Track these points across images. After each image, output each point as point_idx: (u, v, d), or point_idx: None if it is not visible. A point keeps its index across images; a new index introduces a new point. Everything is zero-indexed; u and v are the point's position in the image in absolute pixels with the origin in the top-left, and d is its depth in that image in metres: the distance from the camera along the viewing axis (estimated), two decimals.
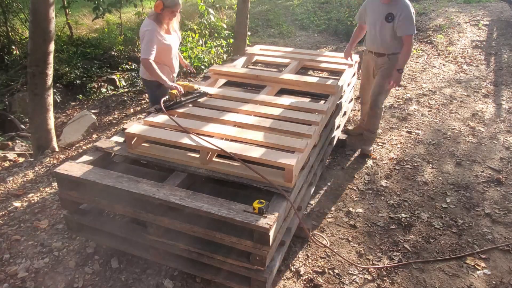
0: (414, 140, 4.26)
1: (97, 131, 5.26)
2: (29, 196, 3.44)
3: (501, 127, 4.56)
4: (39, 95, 4.25)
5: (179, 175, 2.40)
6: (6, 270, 2.61)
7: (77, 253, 2.73)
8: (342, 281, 2.57)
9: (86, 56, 7.61)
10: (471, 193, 3.42)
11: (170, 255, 2.37)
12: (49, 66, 4.24)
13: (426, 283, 2.56)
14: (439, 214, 3.17)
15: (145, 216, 2.25)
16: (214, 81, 3.62)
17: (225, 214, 2.01)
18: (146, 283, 2.48)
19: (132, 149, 2.57)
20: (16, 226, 3.03)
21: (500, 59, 6.62)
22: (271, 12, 9.97)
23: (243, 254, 2.14)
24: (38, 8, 3.96)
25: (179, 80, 3.54)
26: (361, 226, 3.05)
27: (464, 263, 2.71)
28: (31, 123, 4.46)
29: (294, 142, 2.43)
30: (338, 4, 10.05)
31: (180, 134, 2.53)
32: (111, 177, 2.31)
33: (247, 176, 2.30)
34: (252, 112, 2.87)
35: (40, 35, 4.06)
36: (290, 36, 8.48)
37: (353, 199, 3.35)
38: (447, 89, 5.58)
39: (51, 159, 4.20)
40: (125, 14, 9.47)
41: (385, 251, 2.81)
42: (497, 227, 3.05)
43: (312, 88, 3.43)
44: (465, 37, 7.61)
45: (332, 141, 3.63)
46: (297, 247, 2.81)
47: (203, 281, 2.48)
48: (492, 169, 3.77)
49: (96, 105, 6.41)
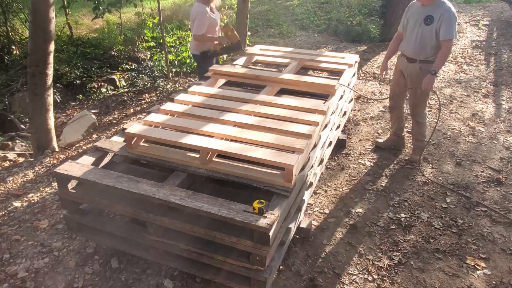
0: None
1: (97, 131, 5.26)
2: (29, 196, 3.44)
3: (501, 127, 4.56)
4: (39, 95, 4.25)
5: (179, 175, 2.40)
6: (6, 270, 2.61)
7: (77, 253, 2.73)
8: (342, 281, 2.57)
9: (86, 56, 7.61)
10: (471, 193, 3.42)
11: (170, 255, 2.37)
12: (49, 66, 4.24)
13: (426, 283, 2.56)
14: (439, 214, 3.17)
15: (145, 216, 2.25)
16: (214, 81, 3.62)
17: (225, 214, 2.01)
18: (146, 283, 2.48)
19: (132, 149, 2.57)
20: (16, 226, 3.03)
21: (500, 59, 6.62)
22: (271, 12, 9.97)
23: (243, 254, 2.14)
24: (38, 8, 3.96)
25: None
26: (361, 226, 3.05)
27: (464, 263, 2.71)
28: (31, 123, 4.46)
29: (294, 142, 2.43)
30: (338, 4, 10.06)
31: (180, 134, 2.53)
32: (111, 177, 2.31)
33: (247, 176, 2.31)
34: (252, 112, 2.87)
35: (40, 35, 4.06)
36: (290, 36, 8.48)
37: (353, 199, 3.35)
38: (447, 89, 5.58)
39: (51, 159, 4.20)
40: (125, 14, 9.47)
41: (385, 251, 2.81)
42: (497, 227, 3.05)
43: (312, 88, 3.43)
44: (465, 37, 7.61)
45: (332, 141, 3.63)
46: (297, 247, 2.81)
47: (203, 281, 2.48)
48: (492, 169, 3.77)
49: (96, 105, 6.42)
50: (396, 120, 3.96)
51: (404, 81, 3.66)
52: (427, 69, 3.38)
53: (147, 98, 6.18)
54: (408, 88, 3.65)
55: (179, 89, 6.21)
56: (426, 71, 3.38)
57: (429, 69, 3.36)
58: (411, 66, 3.50)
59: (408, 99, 3.76)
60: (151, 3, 10.25)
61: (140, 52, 8.03)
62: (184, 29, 8.76)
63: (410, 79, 3.56)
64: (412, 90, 3.61)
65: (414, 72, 3.49)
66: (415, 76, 3.49)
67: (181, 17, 9.66)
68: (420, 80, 3.41)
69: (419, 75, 3.45)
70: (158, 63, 7.20)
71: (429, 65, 3.38)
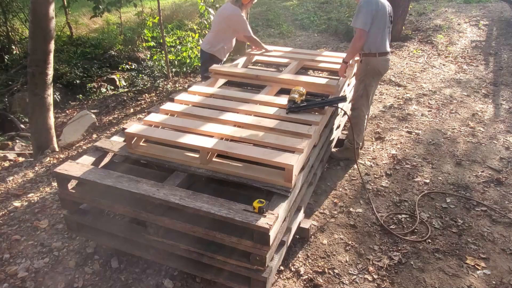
0: (414, 140, 4.26)
1: (97, 131, 5.26)
2: (29, 196, 3.43)
3: (501, 127, 4.56)
4: (39, 95, 4.25)
5: (179, 175, 2.40)
6: (6, 270, 2.60)
7: (77, 253, 2.73)
8: (342, 281, 2.57)
9: (86, 56, 7.62)
10: (471, 193, 3.42)
11: (170, 255, 2.37)
12: (49, 65, 4.24)
13: (426, 283, 2.56)
14: (439, 214, 3.17)
15: (145, 216, 2.25)
16: (214, 81, 3.61)
17: (225, 214, 2.00)
18: (146, 283, 2.48)
19: (132, 149, 2.57)
20: (16, 226, 3.03)
21: (500, 59, 6.62)
22: (271, 12, 9.97)
23: (243, 254, 2.14)
24: (38, 7, 3.96)
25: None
26: (361, 226, 3.04)
27: (464, 263, 2.71)
28: (31, 123, 4.46)
29: (294, 142, 2.43)
30: (338, 4, 10.06)
31: (180, 134, 2.53)
32: (111, 177, 2.31)
33: (247, 176, 2.30)
34: (252, 112, 2.87)
35: (40, 35, 4.06)
36: (290, 36, 8.48)
37: (353, 199, 3.35)
38: (447, 89, 5.59)
39: (51, 159, 4.20)
40: (125, 14, 9.47)
41: (385, 251, 2.81)
42: (497, 227, 3.05)
43: (312, 88, 3.42)
44: (465, 37, 7.61)
45: (332, 141, 3.63)
46: (297, 247, 2.81)
47: (203, 281, 2.48)
48: (492, 169, 3.77)
49: (96, 105, 6.42)
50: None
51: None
52: (365, 62, 3.48)
53: (147, 98, 6.18)
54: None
55: (179, 89, 6.21)
56: (364, 63, 3.49)
57: (366, 62, 3.47)
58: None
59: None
60: (151, 3, 10.26)
61: (140, 52, 8.04)
62: (184, 29, 8.76)
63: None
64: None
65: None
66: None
67: (181, 17, 9.67)
68: (359, 71, 3.57)
69: (359, 67, 3.60)
70: (158, 63, 7.20)
71: (364, 58, 3.47)
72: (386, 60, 3.52)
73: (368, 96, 3.61)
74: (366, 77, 3.52)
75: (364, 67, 3.51)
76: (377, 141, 4.23)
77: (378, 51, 3.41)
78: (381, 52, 3.43)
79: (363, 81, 3.54)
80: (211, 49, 4.17)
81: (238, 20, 4.06)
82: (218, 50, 4.17)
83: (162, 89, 6.37)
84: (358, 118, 3.66)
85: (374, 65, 3.46)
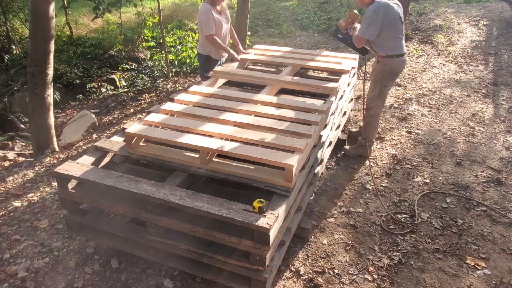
0: (414, 140, 4.26)
1: (97, 131, 5.26)
2: (29, 196, 3.43)
3: (501, 127, 4.56)
4: (39, 94, 4.25)
5: (179, 175, 2.40)
6: (6, 270, 2.60)
7: (77, 253, 2.73)
8: (342, 281, 2.57)
9: (86, 56, 7.62)
10: (471, 193, 3.42)
11: (170, 255, 2.37)
12: (49, 65, 4.24)
13: (426, 283, 2.56)
14: (439, 214, 3.17)
15: (145, 216, 2.25)
16: (214, 81, 3.61)
17: (225, 214, 2.00)
18: (146, 283, 2.48)
19: (132, 149, 2.57)
20: (16, 226, 3.03)
21: (500, 59, 6.62)
22: (271, 12, 9.97)
23: (243, 254, 2.14)
24: (38, 7, 3.96)
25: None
26: (361, 226, 3.05)
27: (464, 263, 2.71)
28: (31, 123, 4.46)
29: (294, 142, 2.43)
30: (338, 4, 10.06)
31: (180, 134, 2.53)
32: (111, 177, 2.31)
33: (247, 176, 2.30)
34: (252, 112, 2.87)
35: (40, 35, 4.06)
36: (290, 36, 8.48)
37: (353, 199, 3.35)
38: (447, 89, 5.59)
39: (51, 159, 4.20)
40: (125, 14, 9.47)
41: (385, 251, 2.81)
42: (497, 227, 3.05)
43: (312, 88, 3.42)
44: (465, 37, 7.61)
45: (332, 142, 3.63)
46: (297, 247, 2.81)
47: (203, 281, 2.48)
48: (492, 169, 3.77)
49: (96, 105, 6.42)
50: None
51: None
52: (382, 63, 3.55)
53: (147, 98, 6.19)
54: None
55: (179, 89, 6.21)
56: (381, 65, 3.55)
57: (383, 63, 3.53)
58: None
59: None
60: (151, 3, 10.26)
61: (140, 52, 8.04)
62: (184, 29, 8.77)
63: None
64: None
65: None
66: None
67: (181, 17, 9.67)
68: (375, 72, 3.68)
69: (375, 68, 3.71)
70: (158, 63, 7.20)
71: (381, 59, 3.53)
72: (403, 61, 3.58)
73: (384, 96, 3.69)
74: (383, 78, 3.56)
75: (381, 68, 3.55)
76: (377, 141, 4.23)
77: (396, 53, 3.46)
78: (398, 54, 3.48)
79: (379, 81, 3.58)
80: (205, 51, 4.13)
81: (200, 19, 3.90)
82: (210, 51, 4.10)
83: (162, 89, 6.37)
84: (373, 117, 3.74)
85: (392, 66, 3.52)
